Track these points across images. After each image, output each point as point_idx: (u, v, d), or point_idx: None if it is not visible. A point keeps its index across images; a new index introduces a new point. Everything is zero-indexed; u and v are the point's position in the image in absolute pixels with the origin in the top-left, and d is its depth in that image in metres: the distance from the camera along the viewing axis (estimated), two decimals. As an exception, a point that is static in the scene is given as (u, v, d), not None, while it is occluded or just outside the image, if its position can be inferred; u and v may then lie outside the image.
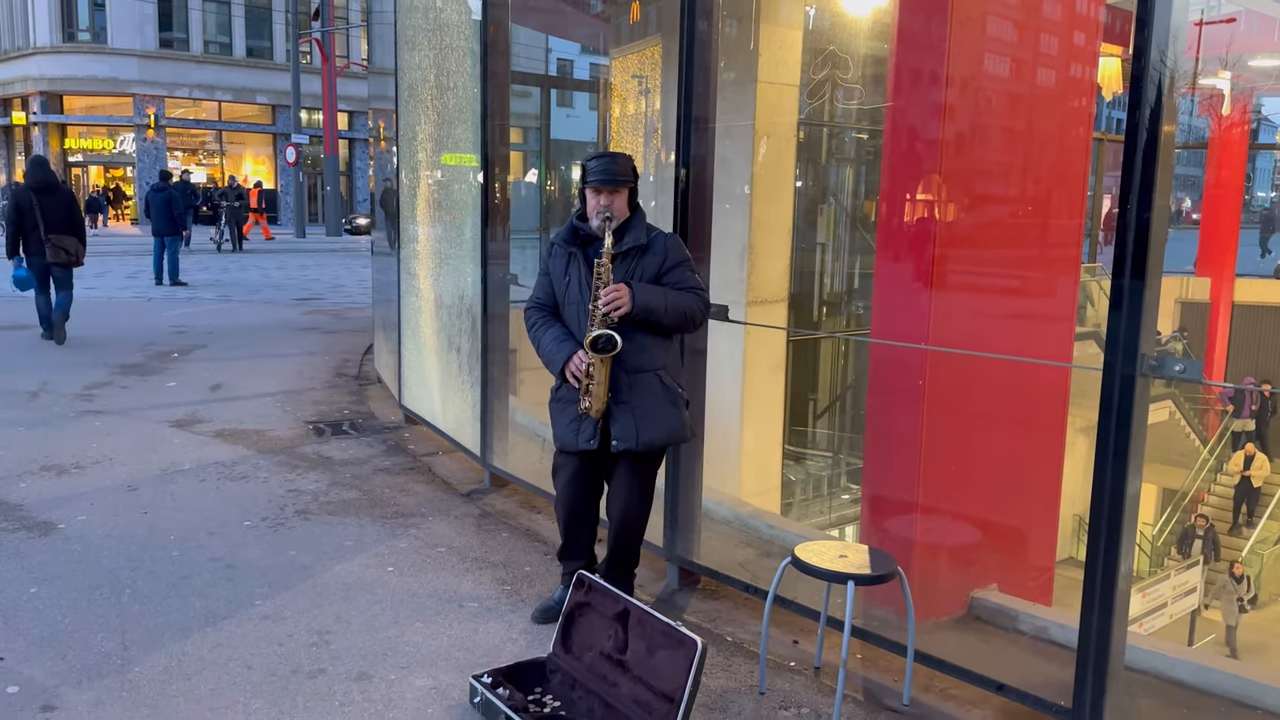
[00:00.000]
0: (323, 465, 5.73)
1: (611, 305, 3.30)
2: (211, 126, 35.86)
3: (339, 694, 3.18)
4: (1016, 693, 3.08)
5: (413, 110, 6.42)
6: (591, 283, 3.39)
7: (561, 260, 3.52)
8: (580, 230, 3.49)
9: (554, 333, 3.50)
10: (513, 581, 4.14)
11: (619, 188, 3.38)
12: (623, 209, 3.40)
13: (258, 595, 3.92)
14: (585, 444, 3.48)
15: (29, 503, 4.90)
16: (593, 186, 3.38)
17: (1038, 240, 3.82)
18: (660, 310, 3.35)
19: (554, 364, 3.49)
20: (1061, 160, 3.79)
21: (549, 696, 3.11)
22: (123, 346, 9.42)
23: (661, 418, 3.47)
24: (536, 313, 3.59)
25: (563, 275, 3.51)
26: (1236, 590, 11.29)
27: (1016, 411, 3.88)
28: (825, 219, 10.27)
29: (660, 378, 3.46)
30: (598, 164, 3.40)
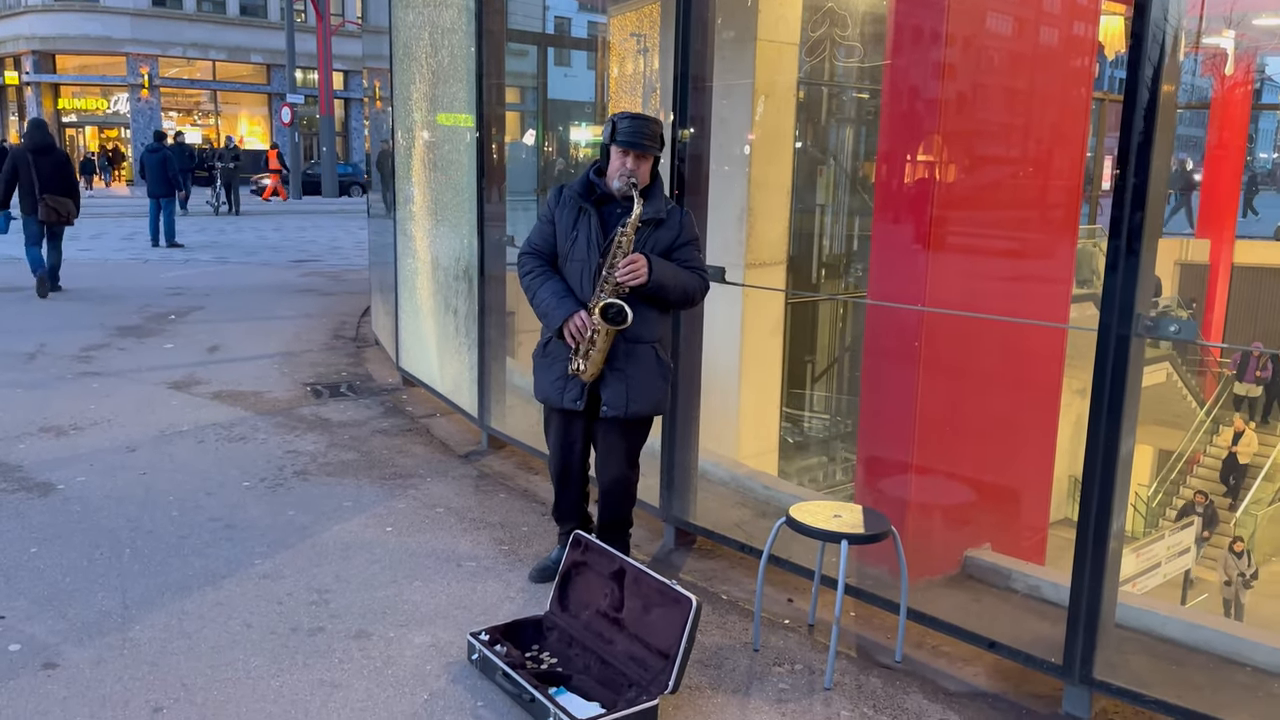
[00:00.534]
0: (321, 427, 5.74)
1: (630, 276, 3.27)
2: (206, 86, 35.55)
3: (338, 651, 3.21)
4: (1008, 650, 3.12)
5: (407, 69, 6.36)
6: (603, 243, 3.37)
7: (571, 213, 3.45)
8: (597, 186, 3.43)
9: (553, 286, 3.44)
10: (510, 541, 4.17)
11: (647, 154, 3.33)
12: (646, 176, 3.36)
13: (257, 555, 3.94)
14: (571, 403, 3.48)
15: (28, 464, 4.92)
16: (621, 147, 3.32)
17: (1036, 201, 3.80)
18: (670, 288, 3.34)
19: (551, 319, 3.43)
20: (1061, 120, 3.76)
21: (546, 653, 3.14)
22: (120, 308, 9.41)
23: (651, 390, 3.47)
24: (534, 260, 3.52)
25: (570, 229, 3.45)
26: (1238, 565, 11.34)
27: (1011, 373, 3.89)
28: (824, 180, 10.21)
29: (655, 350, 3.46)
30: (631, 125, 3.31)
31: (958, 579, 3.94)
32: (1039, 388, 3.99)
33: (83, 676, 3.01)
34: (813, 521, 3.15)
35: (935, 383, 3.71)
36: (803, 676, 3.16)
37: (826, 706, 2.98)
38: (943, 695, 3.08)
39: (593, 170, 3.49)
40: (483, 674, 3.07)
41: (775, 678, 3.14)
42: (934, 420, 3.73)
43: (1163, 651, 3.28)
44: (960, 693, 3.10)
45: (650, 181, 3.42)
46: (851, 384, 9.50)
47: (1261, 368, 15.09)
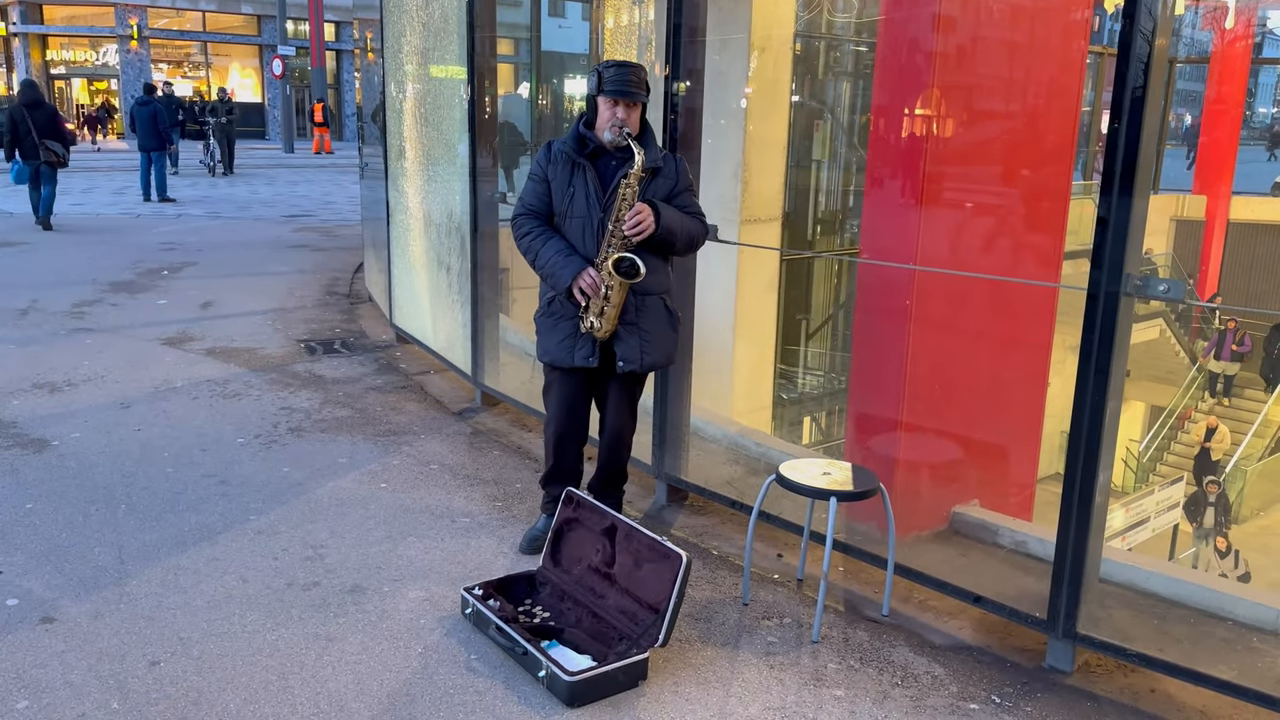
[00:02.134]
0: (315, 383, 5.75)
1: (638, 226, 3.26)
2: (196, 38, 35.05)
3: (333, 605, 3.25)
4: (993, 604, 3.17)
5: (398, 21, 6.28)
6: (601, 199, 3.35)
7: (565, 169, 3.41)
8: (588, 140, 3.39)
9: (556, 245, 3.40)
10: (504, 498, 4.20)
11: (636, 101, 3.30)
12: (636, 124, 3.33)
13: (252, 511, 3.98)
14: (584, 361, 3.46)
15: (22, 420, 4.93)
16: (610, 97, 3.28)
17: (1029, 157, 3.79)
18: (677, 234, 3.33)
19: (559, 278, 3.37)
20: (1056, 75, 3.73)
21: (538, 608, 3.18)
22: (112, 264, 9.37)
23: (664, 341, 3.49)
24: (530, 220, 3.47)
25: (566, 186, 3.41)
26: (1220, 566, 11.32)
27: (1002, 330, 3.90)
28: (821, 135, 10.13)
29: (664, 301, 3.46)
30: (617, 73, 3.27)
31: (945, 535, 3.98)
32: (1029, 345, 4.01)
33: (80, 630, 3.05)
34: (802, 479, 3.18)
35: (925, 340, 3.72)
36: (791, 630, 3.20)
37: (814, 659, 3.03)
38: (928, 648, 3.13)
39: (581, 123, 3.44)
40: (476, 628, 3.11)
41: (764, 631, 3.19)
42: (923, 377, 3.75)
43: (1144, 606, 3.33)
44: (945, 646, 3.16)
45: (641, 130, 3.39)
46: (846, 340, 9.51)
47: (1238, 342, 14.93)
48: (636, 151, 3.27)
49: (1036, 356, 4.05)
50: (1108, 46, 14.91)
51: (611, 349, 3.46)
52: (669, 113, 3.88)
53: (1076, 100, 3.81)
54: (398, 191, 6.57)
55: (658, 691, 2.83)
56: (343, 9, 33.13)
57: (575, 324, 3.45)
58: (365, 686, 2.81)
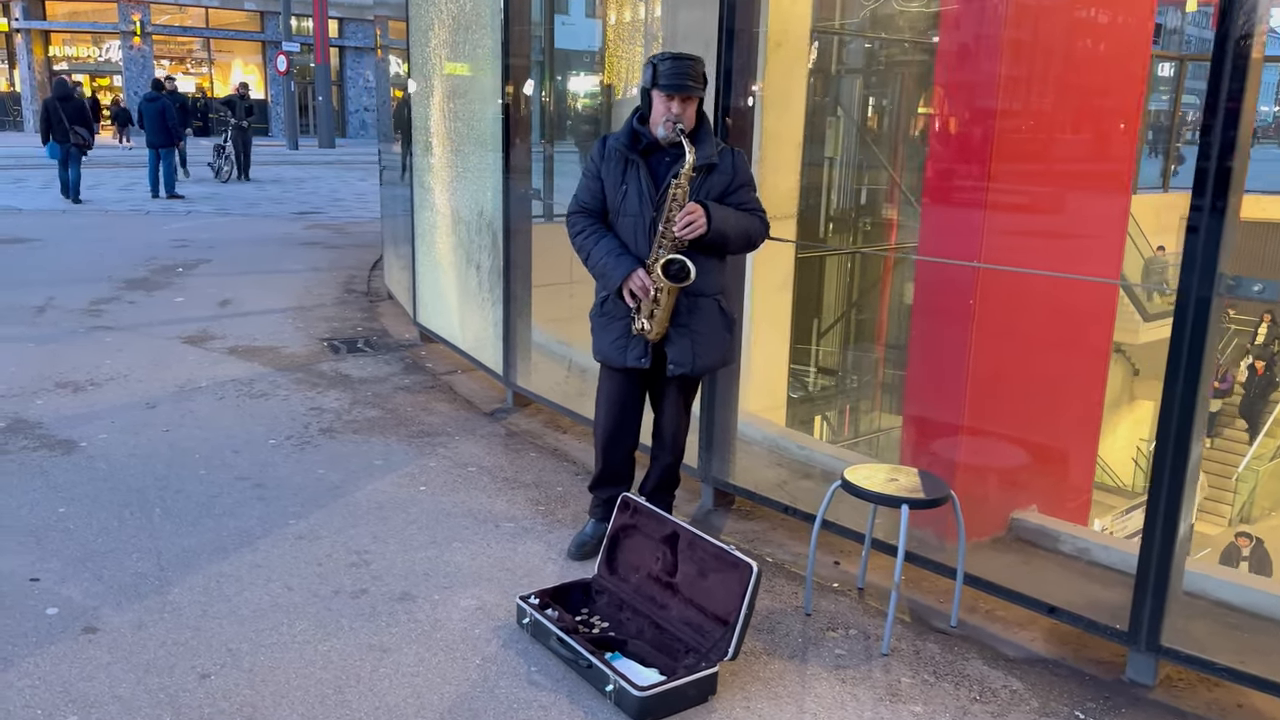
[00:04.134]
0: (342, 383, 5.64)
1: (689, 229, 3.14)
2: (198, 34, 34.89)
3: (384, 615, 3.14)
4: (1069, 615, 3.06)
5: (425, 15, 6.17)
6: (655, 195, 3.24)
7: (618, 166, 3.31)
8: (642, 135, 3.27)
9: (607, 244, 3.31)
10: (546, 502, 4.10)
11: (692, 95, 3.17)
12: (692, 118, 3.20)
13: (291, 515, 3.87)
14: (635, 362, 3.36)
15: (48, 420, 4.82)
16: (664, 91, 3.16)
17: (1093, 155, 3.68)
18: (731, 235, 3.21)
19: (609, 279, 3.29)
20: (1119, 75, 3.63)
21: (596, 617, 3.08)
22: (125, 261, 9.25)
23: (717, 343, 3.37)
24: (584, 219, 3.39)
25: (618, 184, 3.31)
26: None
27: (1062, 331, 3.80)
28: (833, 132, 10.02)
29: (719, 302, 3.35)
30: (673, 66, 3.14)
31: (1004, 541, 3.88)
32: (1088, 347, 3.91)
33: (125, 641, 2.94)
34: (870, 485, 3.07)
35: (987, 341, 3.61)
36: (858, 642, 3.10)
37: (886, 673, 2.92)
38: (1003, 661, 3.03)
39: (635, 118, 3.33)
40: (534, 638, 3.01)
41: (830, 643, 3.08)
42: (985, 379, 3.65)
43: (1221, 616, 3.23)
44: (1020, 658, 3.05)
45: (697, 124, 3.27)
46: (858, 337, 9.42)
47: (1219, 379, 14.53)
48: (688, 150, 3.16)
49: (1095, 358, 3.95)
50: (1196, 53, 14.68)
51: (664, 351, 3.36)
52: (720, 112, 3.77)
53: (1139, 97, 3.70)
54: (423, 189, 6.46)
55: (729, 707, 2.72)
56: (348, 5, 33.01)
57: (628, 324, 3.35)
58: (425, 700, 2.70)
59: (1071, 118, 3.59)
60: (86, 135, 13.64)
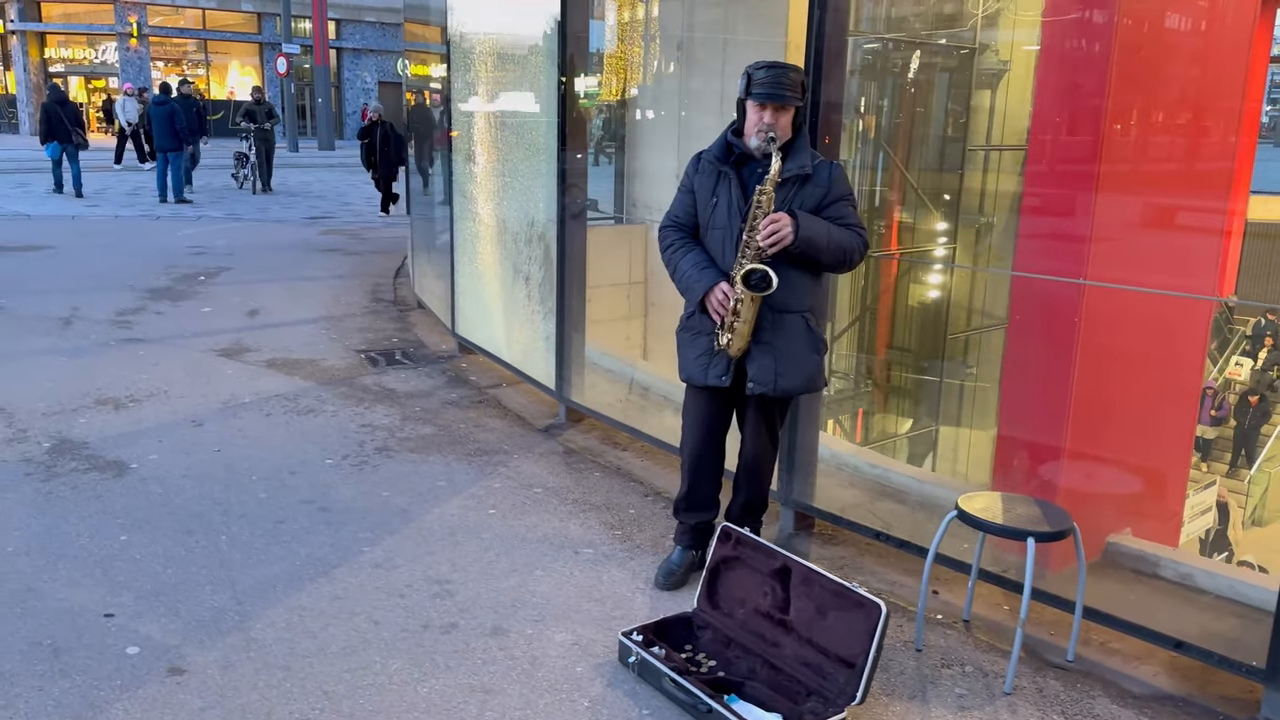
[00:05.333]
0: (388, 398, 5.49)
1: (773, 239, 3.02)
2: (195, 35, 34.66)
3: (478, 651, 3.00)
4: (1199, 650, 2.93)
5: (467, 21, 6.02)
6: (744, 208, 3.11)
7: (710, 179, 3.20)
8: (734, 147, 3.16)
9: (694, 258, 3.21)
10: (621, 526, 3.96)
11: (788, 105, 3.05)
12: (787, 128, 3.08)
13: (362, 541, 3.72)
14: (716, 380, 3.24)
15: (94, 440, 4.66)
16: (758, 101, 3.04)
17: (1197, 162, 3.56)
18: (822, 246, 3.07)
19: (692, 293, 3.20)
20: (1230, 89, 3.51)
21: (702, 655, 2.94)
22: (144, 269, 9.08)
23: (802, 364, 3.23)
24: (674, 232, 3.29)
25: (710, 196, 3.20)
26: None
27: (1160, 349, 3.68)
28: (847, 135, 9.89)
29: (806, 320, 3.21)
30: (768, 74, 3.03)
31: (1100, 566, 3.75)
32: (1183, 364, 3.79)
33: (214, 683, 2.79)
34: (989, 516, 2.94)
35: (1089, 360, 3.49)
36: (977, 680, 2.97)
37: (1013, 714, 2.80)
38: (1130, 699, 2.90)
39: (730, 130, 3.22)
40: (640, 678, 2.87)
41: (948, 681, 2.95)
42: (1086, 400, 3.52)
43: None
44: (1146, 695, 2.93)
45: (794, 135, 3.14)
46: (871, 342, 9.30)
47: (1216, 407, 14.28)
48: (775, 157, 3.03)
49: (1190, 376, 3.83)
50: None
51: (745, 369, 3.23)
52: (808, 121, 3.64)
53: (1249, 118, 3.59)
54: (464, 198, 6.31)
55: (858, 752, 2.59)
56: (346, 6, 32.81)
57: (712, 340, 3.22)
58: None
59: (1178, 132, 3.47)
60: (83, 136, 15.00)
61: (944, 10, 8.95)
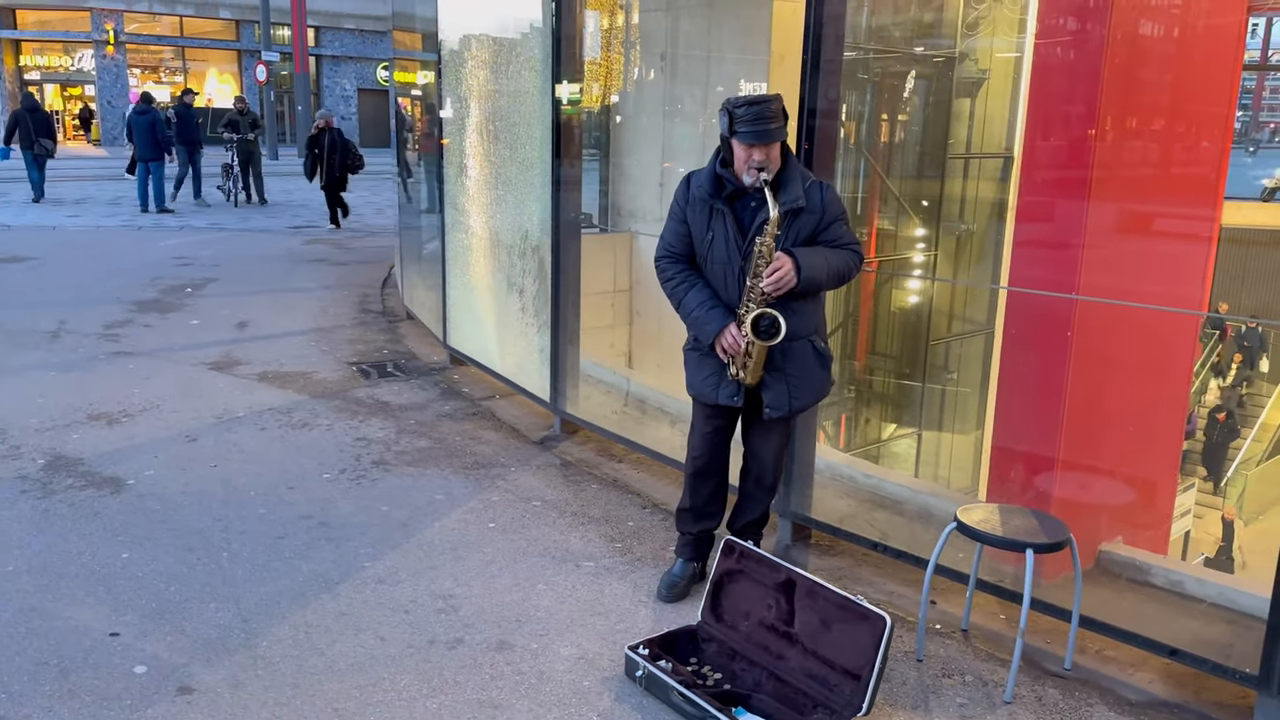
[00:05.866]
0: (382, 411, 5.51)
1: (777, 287, 3.05)
2: (173, 43, 34.43)
3: (485, 666, 3.03)
4: (1193, 658, 3.00)
5: (460, 32, 6.05)
6: (742, 244, 3.15)
7: (703, 214, 3.22)
8: (726, 181, 3.18)
9: (699, 295, 3.23)
10: (621, 538, 3.99)
11: (774, 141, 3.07)
12: (777, 159, 3.10)
13: (364, 556, 3.74)
14: (729, 400, 3.28)
15: (88, 456, 4.65)
16: (744, 141, 3.03)
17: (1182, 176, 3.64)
18: (823, 279, 3.13)
19: (704, 334, 3.23)
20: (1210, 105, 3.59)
21: (707, 668, 2.98)
22: (129, 280, 9.03)
23: (813, 383, 3.29)
24: (674, 265, 3.31)
25: (705, 231, 3.22)
26: None
27: (1150, 359, 3.76)
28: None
29: (814, 343, 3.26)
30: (749, 113, 3.00)
31: (1093, 574, 3.82)
32: (1172, 375, 3.87)
33: (224, 702, 2.80)
34: (987, 528, 3.00)
35: (1082, 372, 3.56)
36: (976, 689, 3.02)
37: (1014, 722, 2.85)
38: (1126, 705, 2.96)
39: (717, 162, 3.20)
40: (648, 691, 2.91)
41: (949, 690, 3.00)
42: (1079, 411, 3.59)
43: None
44: (1142, 702, 2.99)
45: (783, 164, 3.17)
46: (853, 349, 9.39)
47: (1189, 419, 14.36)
48: (771, 205, 3.03)
49: (1178, 385, 3.90)
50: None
51: (758, 394, 3.28)
52: (802, 142, 3.69)
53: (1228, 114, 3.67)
54: (456, 210, 6.33)
55: (865, 763, 2.63)
56: (325, 14, 32.73)
57: (720, 361, 3.27)
58: (551, 763, 2.59)
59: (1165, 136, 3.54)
60: (50, 146, 15.03)
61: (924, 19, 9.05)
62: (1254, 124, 37.71)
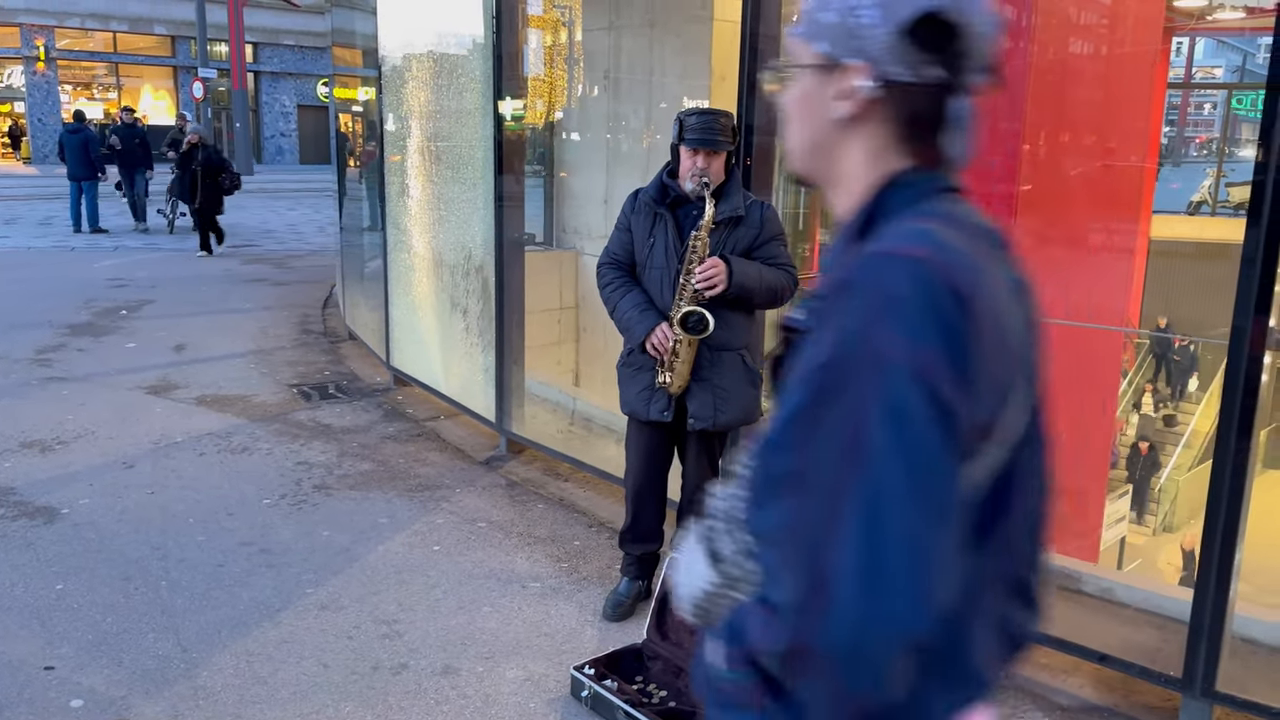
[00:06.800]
0: (324, 434, 5.46)
1: (708, 283, 3.12)
2: (106, 59, 33.77)
3: (430, 691, 3.02)
4: (1121, 663, 3.09)
5: (400, 49, 6.05)
6: (680, 250, 3.22)
7: (646, 219, 3.30)
8: (670, 189, 3.27)
9: (633, 298, 3.30)
10: (567, 558, 4.01)
11: (719, 150, 3.18)
12: (720, 171, 3.21)
13: (306, 583, 3.71)
14: (659, 415, 3.34)
15: (20, 485, 4.55)
16: (691, 147, 3.16)
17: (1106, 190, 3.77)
18: (755, 289, 3.19)
19: (633, 334, 3.30)
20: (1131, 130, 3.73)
21: (653, 685, 3.01)
22: (63, 303, 8.84)
23: (740, 398, 3.34)
24: (612, 271, 3.38)
25: (646, 236, 3.30)
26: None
27: (1079, 373, 3.87)
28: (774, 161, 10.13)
29: (743, 357, 3.32)
30: (700, 121, 3.16)
31: (1027, 583, 3.92)
32: (1101, 387, 3.99)
33: (163, 734, 2.76)
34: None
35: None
36: (916, 697, 3.08)
37: (952, 729, 2.91)
38: (1059, 711, 3.05)
39: (665, 172, 3.33)
40: (593, 711, 2.92)
41: (890, 700, 3.06)
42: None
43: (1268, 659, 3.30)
44: (1074, 707, 3.08)
45: (726, 177, 3.27)
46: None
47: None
48: (708, 204, 3.15)
49: (1107, 398, 4.03)
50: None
51: (687, 405, 3.33)
52: (743, 159, 3.76)
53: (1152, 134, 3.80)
54: (399, 230, 6.31)
55: (808, 775, 2.67)
56: (263, 30, 32.36)
57: (654, 375, 3.31)
58: (497, 786, 2.60)
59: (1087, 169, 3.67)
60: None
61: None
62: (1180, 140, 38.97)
